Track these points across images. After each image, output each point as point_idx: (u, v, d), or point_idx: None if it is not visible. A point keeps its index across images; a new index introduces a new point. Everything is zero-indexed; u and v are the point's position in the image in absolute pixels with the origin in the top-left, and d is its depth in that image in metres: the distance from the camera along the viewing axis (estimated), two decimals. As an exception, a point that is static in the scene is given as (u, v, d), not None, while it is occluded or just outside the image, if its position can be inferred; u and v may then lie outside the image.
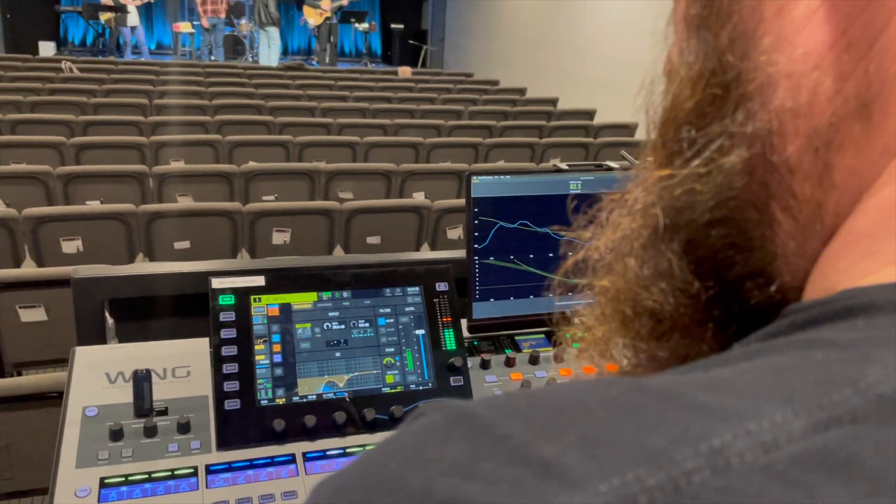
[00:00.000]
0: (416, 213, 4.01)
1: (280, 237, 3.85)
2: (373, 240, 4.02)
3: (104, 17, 11.23)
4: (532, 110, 7.72)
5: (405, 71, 10.31)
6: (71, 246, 3.48)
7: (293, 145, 5.28)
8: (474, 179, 1.11)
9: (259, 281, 1.02)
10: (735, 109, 0.31)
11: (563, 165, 1.15)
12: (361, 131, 5.93)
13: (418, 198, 4.69)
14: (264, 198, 4.45)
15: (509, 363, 1.12)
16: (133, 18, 11.16)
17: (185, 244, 3.66)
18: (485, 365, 1.11)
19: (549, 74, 9.88)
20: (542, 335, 1.20)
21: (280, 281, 1.03)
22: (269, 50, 11.28)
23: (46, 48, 11.61)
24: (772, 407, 0.22)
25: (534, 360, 1.13)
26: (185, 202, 4.20)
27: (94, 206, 3.83)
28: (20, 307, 2.78)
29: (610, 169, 1.18)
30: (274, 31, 11.25)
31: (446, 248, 4.10)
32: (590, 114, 7.70)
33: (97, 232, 3.52)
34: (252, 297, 1.01)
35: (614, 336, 0.37)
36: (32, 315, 2.82)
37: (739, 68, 0.31)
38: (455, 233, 4.18)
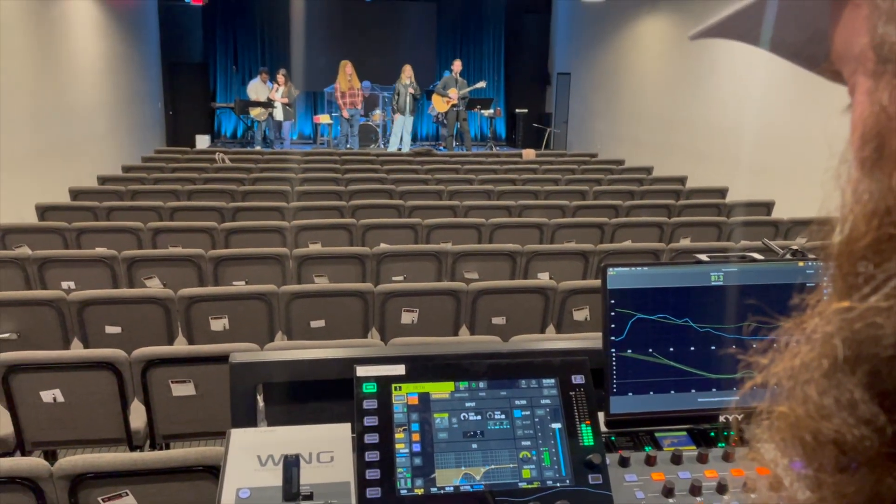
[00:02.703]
0: (542, 294, 3.99)
1: (408, 317, 3.94)
2: (498, 320, 4.02)
3: (254, 112, 12.33)
4: (659, 189, 7.59)
5: (529, 153, 10.51)
6: (218, 324, 3.72)
7: (422, 227, 5.47)
8: (610, 271, 1.10)
9: (399, 370, 1.05)
10: None
11: (704, 257, 1.13)
12: (487, 213, 6.05)
13: (543, 278, 4.68)
14: (394, 278, 4.60)
15: (650, 462, 1.08)
16: (279, 113, 12.18)
17: (321, 323, 3.83)
18: (623, 462, 1.08)
19: (676, 152, 9.73)
20: (685, 433, 1.14)
21: (419, 370, 1.06)
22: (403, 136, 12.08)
23: (202, 141, 12.85)
24: None
25: (676, 459, 1.08)
26: (321, 282, 4.42)
27: (240, 286, 4.11)
28: (172, 382, 2.99)
29: (754, 260, 1.14)
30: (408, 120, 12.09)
31: (573, 329, 4.03)
32: (721, 192, 7.47)
33: (242, 311, 3.75)
34: (393, 386, 1.04)
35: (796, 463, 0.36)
36: (183, 389, 3.02)
37: None
38: (581, 314, 4.11)
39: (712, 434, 1.15)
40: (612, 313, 1.10)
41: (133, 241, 4.98)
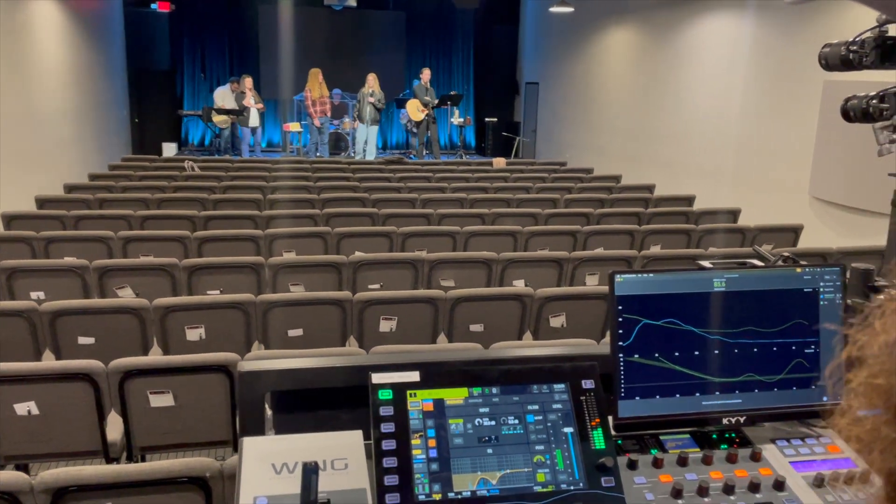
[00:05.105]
0: (519, 302, 4.02)
1: (387, 325, 3.94)
2: (476, 328, 4.04)
3: (216, 118, 12.17)
4: (629, 197, 7.71)
5: (499, 161, 10.58)
6: (194, 334, 3.67)
7: (396, 235, 5.47)
8: (618, 278, 1.13)
9: (414, 376, 1.06)
10: None
11: (707, 264, 1.16)
12: (461, 221, 6.08)
13: (518, 285, 4.72)
14: (370, 286, 4.58)
15: (657, 464, 1.10)
16: (255, 119, 12.09)
17: (299, 332, 3.80)
18: (632, 465, 1.10)
19: (644, 161, 9.89)
20: (688, 435, 1.17)
21: (433, 377, 1.07)
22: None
23: (169, 149, 12.66)
24: None
25: (682, 461, 1.11)
26: (297, 291, 4.39)
27: (215, 295, 4.05)
28: (150, 392, 2.94)
29: (754, 267, 1.17)
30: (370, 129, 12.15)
31: (549, 336, 4.07)
32: (689, 200, 7.61)
33: (218, 320, 3.70)
34: (408, 392, 1.05)
35: (886, 429, 0.39)
36: (161, 400, 2.97)
37: None
38: (558, 321, 4.15)
39: (714, 436, 1.18)
40: (620, 319, 1.13)
41: (103, 250, 4.89)
